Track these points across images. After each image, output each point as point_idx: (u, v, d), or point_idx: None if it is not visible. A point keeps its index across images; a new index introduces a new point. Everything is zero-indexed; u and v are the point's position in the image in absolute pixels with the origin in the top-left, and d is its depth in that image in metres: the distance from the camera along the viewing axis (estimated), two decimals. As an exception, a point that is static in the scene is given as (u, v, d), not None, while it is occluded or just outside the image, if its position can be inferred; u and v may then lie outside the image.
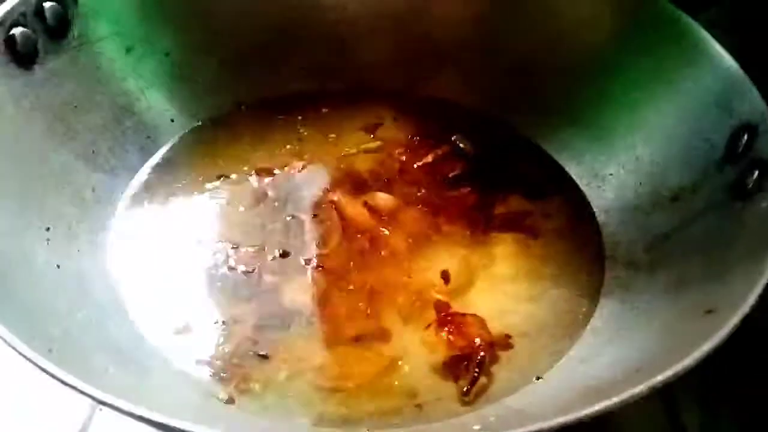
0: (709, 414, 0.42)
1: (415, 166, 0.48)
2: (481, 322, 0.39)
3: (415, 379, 0.37)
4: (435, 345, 0.38)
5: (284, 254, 0.42)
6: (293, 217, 0.45)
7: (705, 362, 0.28)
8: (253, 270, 0.41)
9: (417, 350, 0.38)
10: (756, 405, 0.41)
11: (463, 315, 0.39)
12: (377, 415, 0.35)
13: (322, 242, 0.43)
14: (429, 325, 0.39)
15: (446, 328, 0.39)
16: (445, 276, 0.42)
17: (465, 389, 0.36)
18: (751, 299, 0.29)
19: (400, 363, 0.38)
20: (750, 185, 0.36)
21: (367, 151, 0.49)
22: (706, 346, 0.27)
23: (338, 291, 0.41)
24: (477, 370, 0.37)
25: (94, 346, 0.34)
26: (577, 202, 0.46)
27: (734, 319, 0.28)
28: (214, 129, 0.50)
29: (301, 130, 0.50)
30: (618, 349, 0.36)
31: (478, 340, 0.38)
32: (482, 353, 0.37)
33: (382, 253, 0.43)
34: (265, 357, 0.37)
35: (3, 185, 0.37)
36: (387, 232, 0.44)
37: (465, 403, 0.36)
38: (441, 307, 0.40)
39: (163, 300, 0.40)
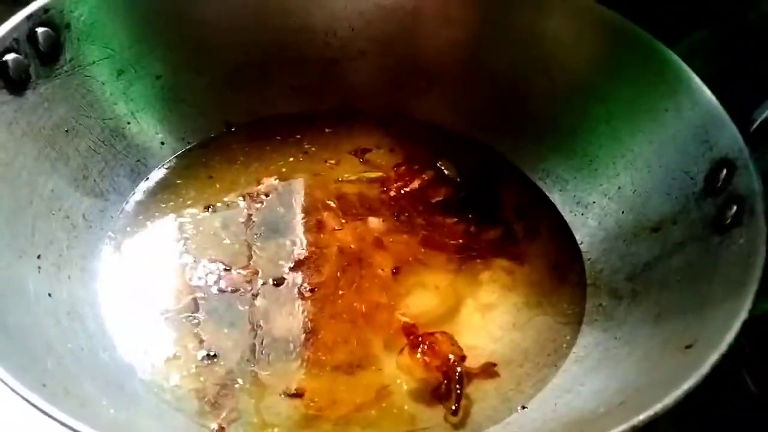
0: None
1: (402, 192, 0.49)
2: (450, 338, 0.40)
3: (403, 405, 0.38)
4: (412, 368, 0.39)
5: (277, 281, 0.43)
6: (283, 240, 0.45)
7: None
8: (243, 296, 0.42)
9: (401, 376, 0.39)
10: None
11: (432, 334, 0.40)
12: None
13: (314, 268, 0.44)
14: (402, 350, 0.40)
15: (419, 350, 0.39)
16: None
17: (453, 408, 0.37)
18: (729, 337, 0.30)
19: (388, 389, 0.38)
20: (728, 220, 0.37)
21: (360, 180, 0.50)
22: (686, 385, 0.28)
23: (327, 318, 0.41)
24: (458, 387, 0.37)
25: (86, 376, 0.34)
26: (561, 229, 0.47)
27: (713, 358, 0.29)
28: (204, 151, 0.50)
29: (291, 152, 0.51)
30: (600, 379, 0.37)
31: (451, 356, 0.39)
32: (458, 369, 0.38)
33: (370, 278, 0.43)
34: (255, 385, 0.38)
35: (-5, 211, 0.37)
36: (375, 258, 0.45)
37: (456, 427, 0.36)
38: (409, 330, 0.41)
39: (153, 328, 0.40)
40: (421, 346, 0.39)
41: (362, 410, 0.37)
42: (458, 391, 0.37)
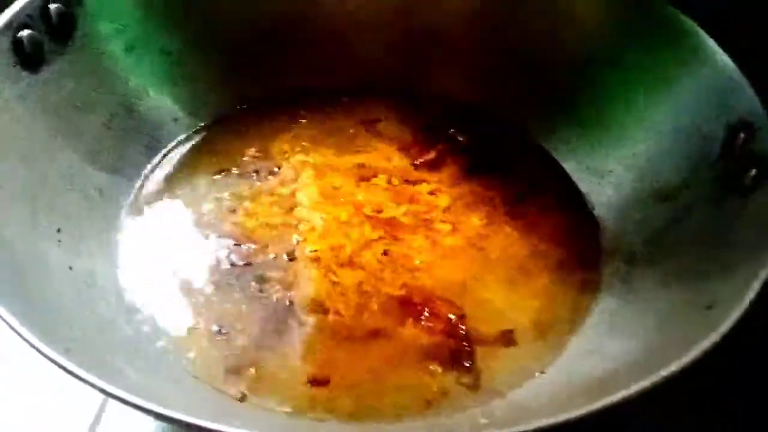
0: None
1: (417, 162, 0.49)
2: (447, 300, 0.40)
3: (419, 373, 0.38)
4: (419, 336, 0.39)
5: (290, 255, 0.43)
6: (298, 213, 0.45)
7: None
8: (257, 269, 0.42)
9: (412, 343, 0.39)
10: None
11: (429, 300, 0.40)
12: (387, 410, 0.36)
13: (329, 241, 0.44)
14: (405, 321, 0.40)
15: (421, 317, 0.40)
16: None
17: (467, 365, 0.37)
18: (751, 295, 0.30)
19: (404, 358, 0.38)
20: (747, 182, 0.37)
21: (375, 150, 0.50)
22: (707, 342, 0.28)
23: (339, 292, 0.41)
24: (466, 344, 0.38)
25: (108, 345, 0.35)
26: (576, 198, 0.47)
27: (734, 316, 0.29)
28: (216, 127, 0.50)
29: (302, 126, 0.51)
30: (619, 343, 0.37)
31: (452, 317, 0.39)
32: (461, 327, 0.38)
33: (383, 251, 0.43)
34: (274, 354, 0.38)
35: (14, 187, 0.38)
36: (391, 228, 0.45)
37: (471, 387, 0.37)
38: (406, 301, 0.41)
39: (173, 299, 0.41)
40: (422, 314, 0.40)
41: (383, 379, 0.37)
42: (467, 348, 0.37)
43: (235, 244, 0.43)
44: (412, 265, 0.43)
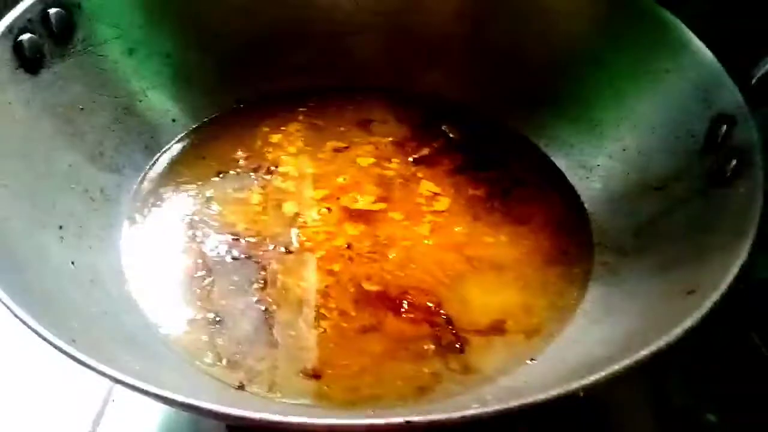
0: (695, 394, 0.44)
1: (410, 159, 0.50)
2: (422, 289, 0.41)
3: (411, 362, 0.39)
4: (403, 329, 0.40)
5: (288, 249, 0.44)
6: (294, 210, 0.46)
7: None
8: (256, 263, 0.43)
9: (402, 335, 0.40)
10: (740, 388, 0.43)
11: (405, 292, 0.41)
12: (381, 398, 0.37)
13: (325, 236, 0.45)
14: (386, 314, 0.41)
15: (401, 310, 0.41)
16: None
17: (458, 346, 0.38)
18: (729, 279, 0.31)
19: (396, 348, 0.39)
20: (729, 173, 0.38)
21: (369, 151, 0.51)
22: (687, 324, 0.29)
23: (336, 285, 0.42)
24: (451, 327, 0.39)
25: (111, 337, 0.36)
26: (566, 192, 0.48)
27: (713, 298, 0.30)
28: (214, 127, 0.52)
29: (299, 127, 0.52)
30: (607, 330, 0.38)
31: (430, 304, 0.40)
32: (442, 312, 0.40)
33: (376, 245, 0.45)
34: (272, 344, 0.39)
35: (17, 185, 0.39)
36: (383, 222, 0.46)
37: (462, 373, 0.38)
38: (381, 296, 0.42)
39: (173, 292, 0.42)
40: (400, 306, 0.41)
41: (377, 368, 0.38)
42: (453, 332, 0.39)
43: (233, 239, 0.44)
44: (402, 258, 0.44)
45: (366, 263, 0.43)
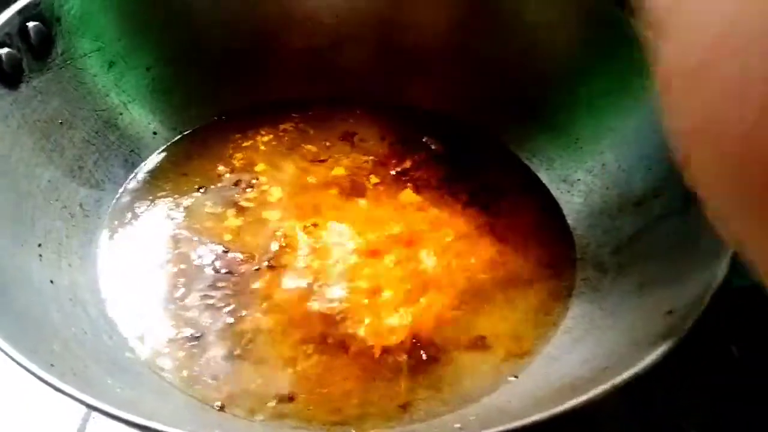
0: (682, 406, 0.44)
1: (393, 172, 0.50)
2: (400, 305, 0.41)
3: (391, 381, 0.39)
4: (382, 347, 0.40)
5: (271, 264, 0.44)
6: (277, 224, 0.46)
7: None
8: (238, 279, 0.43)
9: (384, 354, 0.40)
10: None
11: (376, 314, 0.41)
12: (364, 417, 0.37)
13: (308, 251, 0.45)
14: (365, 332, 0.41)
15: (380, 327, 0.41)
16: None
17: (438, 363, 0.39)
18: (705, 301, 0.32)
19: (378, 368, 0.39)
20: (707, 192, 0.39)
21: (352, 163, 0.51)
22: (664, 347, 0.30)
23: (320, 299, 0.42)
24: (431, 345, 0.40)
25: (91, 358, 0.35)
26: (548, 206, 0.49)
27: (689, 321, 0.31)
28: (196, 140, 0.51)
29: (281, 139, 0.52)
30: (588, 348, 0.38)
31: (409, 321, 0.41)
32: (422, 329, 0.40)
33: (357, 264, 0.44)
34: (253, 363, 0.39)
35: (-3, 203, 0.38)
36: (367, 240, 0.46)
37: (442, 391, 0.38)
38: (330, 322, 0.41)
39: (151, 313, 0.41)
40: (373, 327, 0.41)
41: (359, 386, 0.38)
42: (433, 349, 0.39)
43: (213, 255, 0.44)
44: (381, 272, 0.44)
45: (342, 280, 0.43)
